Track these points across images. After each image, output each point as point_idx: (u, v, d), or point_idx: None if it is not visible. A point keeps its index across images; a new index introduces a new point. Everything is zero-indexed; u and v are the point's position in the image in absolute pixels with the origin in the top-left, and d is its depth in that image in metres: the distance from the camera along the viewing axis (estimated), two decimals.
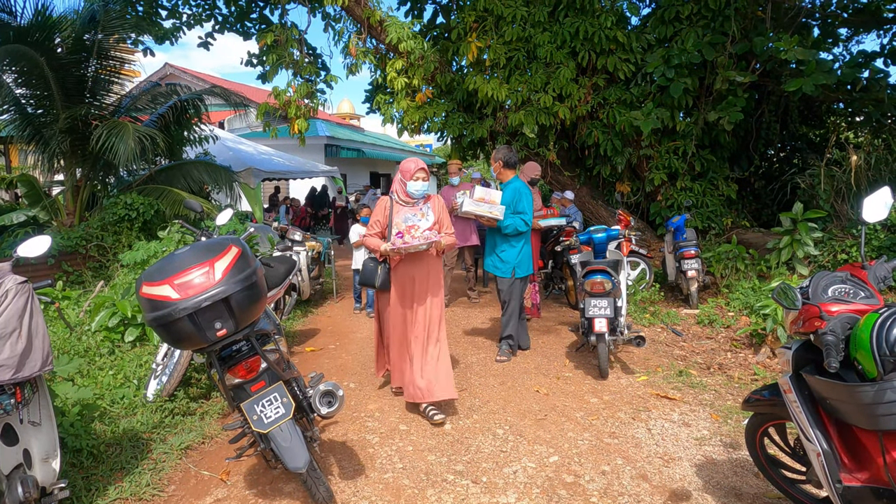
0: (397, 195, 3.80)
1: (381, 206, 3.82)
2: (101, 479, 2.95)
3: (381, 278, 3.89)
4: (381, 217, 3.79)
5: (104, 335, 4.65)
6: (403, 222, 3.70)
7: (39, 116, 7.43)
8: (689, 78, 7.50)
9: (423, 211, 3.76)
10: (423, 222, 3.72)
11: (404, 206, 3.76)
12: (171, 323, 2.14)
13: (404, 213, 3.74)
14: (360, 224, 6.84)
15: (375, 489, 2.94)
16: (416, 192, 3.73)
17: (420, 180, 3.74)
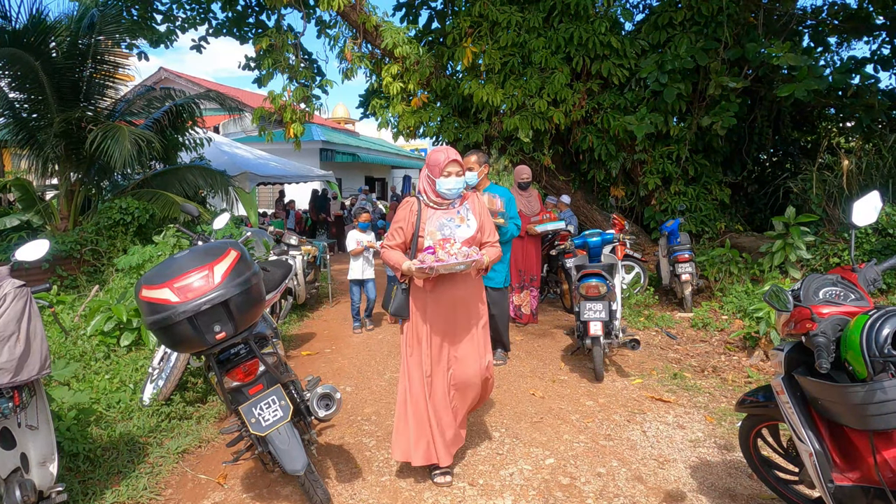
0: (426, 196, 2.98)
1: (406, 209, 2.98)
2: (97, 483, 2.95)
3: (397, 304, 2.97)
4: (405, 223, 2.94)
5: (99, 339, 4.64)
6: (438, 231, 2.87)
7: (34, 120, 7.42)
8: (683, 83, 7.57)
9: (461, 215, 2.94)
10: (463, 230, 2.90)
11: (436, 209, 2.94)
12: (171, 326, 2.15)
13: (437, 219, 2.90)
14: (357, 230, 6.36)
15: (373, 492, 2.95)
16: (450, 191, 2.89)
17: (453, 176, 2.88)
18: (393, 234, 2.97)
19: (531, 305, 6.29)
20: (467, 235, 2.88)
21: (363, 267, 6.28)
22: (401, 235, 2.95)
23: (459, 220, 2.92)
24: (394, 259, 2.89)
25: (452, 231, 2.86)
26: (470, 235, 2.89)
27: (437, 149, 2.96)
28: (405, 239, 2.95)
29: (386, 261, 2.94)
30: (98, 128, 6.93)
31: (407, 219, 2.95)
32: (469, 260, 2.73)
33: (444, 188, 2.88)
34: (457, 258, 2.72)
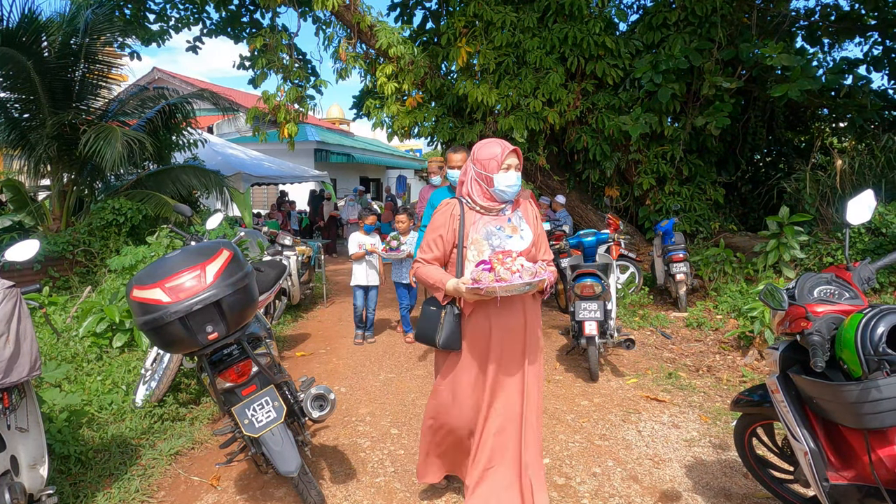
0: (471, 199, 2.44)
1: (445, 213, 2.45)
2: (89, 485, 2.92)
3: (448, 333, 2.37)
4: (444, 231, 2.42)
5: (92, 341, 4.60)
6: (485, 241, 2.35)
7: (26, 121, 7.36)
8: (677, 83, 7.58)
9: (512, 223, 2.41)
10: (515, 242, 2.37)
11: (483, 214, 2.41)
12: (162, 327, 2.13)
13: (484, 227, 2.38)
14: (361, 233, 5.90)
15: (367, 493, 2.94)
16: (509, 189, 2.36)
17: (513, 170, 2.37)
18: (429, 246, 2.43)
19: None
20: (521, 248, 2.35)
21: (367, 272, 5.85)
22: (439, 247, 2.42)
23: (511, 230, 2.39)
24: (433, 276, 2.37)
25: (502, 242, 2.35)
26: (523, 249, 2.35)
27: (487, 140, 2.45)
28: (444, 251, 2.43)
29: (421, 278, 2.43)
30: (91, 128, 6.88)
31: (447, 225, 2.40)
32: (536, 280, 2.17)
33: (504, 185, 2.34)
34: (521, 277, 2.14)
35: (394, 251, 5.55)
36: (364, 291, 5.89)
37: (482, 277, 2.14)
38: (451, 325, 2.39)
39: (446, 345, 2.38)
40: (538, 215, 2.55)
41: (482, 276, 2.15)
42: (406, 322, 5.91)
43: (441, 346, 2.39)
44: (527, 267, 2.19)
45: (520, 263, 2.18)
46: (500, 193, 2.36)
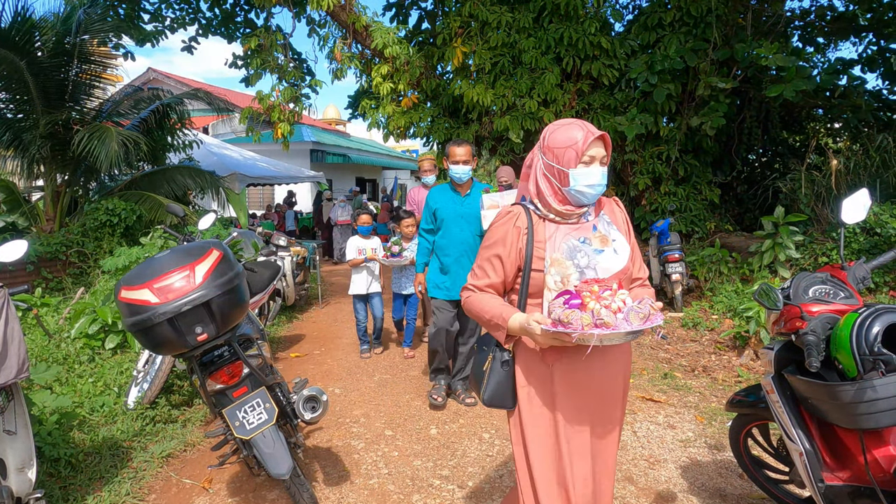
0: (540, 204, 1.80)
1: (507, 224, 1.80)
2: (79, 488, 2.89)
3: (494, 385, 1.81)
4: (507, 250, 1.78)
5: (84, 342, 4.57)
6: (569, 260, 1.70)
7: (19, 121, 7.32)
8: (672, 84, 7.57)
9: (599, 232, 1.78)
10: (608, 258, 1.73)
11: (560, 223, 1.78)
12: (151, 328, 2.10)
13: (564, 240, 1.74)
14: (359, 236, 5.37)
15: (360, 495, 2.91)
16: (590, 191, 1.72)
17: (597, 163, 1.73)
18: (483, 269, 1.82)
19: None
20: (617, 267, 1.71)
21: (367, 280, 5.34)
22: (498, 271, 1.79)
23: (600, 242, 1.74)
24: (489, 309, 1.74)
25: (591, 260, 1.70)
26: (621, 267, 1.72)
27: (564, 122, 1.77)
28: (505, 277, 1.79)
29: (474, 312, 1.80)
30: (84, 128, 6.85)
31: (511, 241, 1.77)
32: (647, 327, 1.51)
33: (584, 185, 1.69)
34: (627, 321, 1.49)
35: (396, 257, 5.11)
36: (365, 301, 5.43)
37: (573, 319, 1.49)
38: (499, 377, 1.78)
39: (491, 401, 1.80)
40: (627, 217, 1.90)
41: (572, 316, 1.49)
42: (407, 335, 5.46)
43: (485, 401, 1.81)
44: (632, 306, 1.52)
45: (622, 299, 1.54)
46: (578, 196, 1.72)
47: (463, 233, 3.92)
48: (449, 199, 3.99)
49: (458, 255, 3.93)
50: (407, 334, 5.48)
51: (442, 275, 4.02)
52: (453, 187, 3.99)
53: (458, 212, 3.94)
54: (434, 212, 4.01)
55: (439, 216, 3.99)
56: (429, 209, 4.06)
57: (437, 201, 4.01)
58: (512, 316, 1.67)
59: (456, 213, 3.94)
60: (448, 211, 3.96)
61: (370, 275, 5.37)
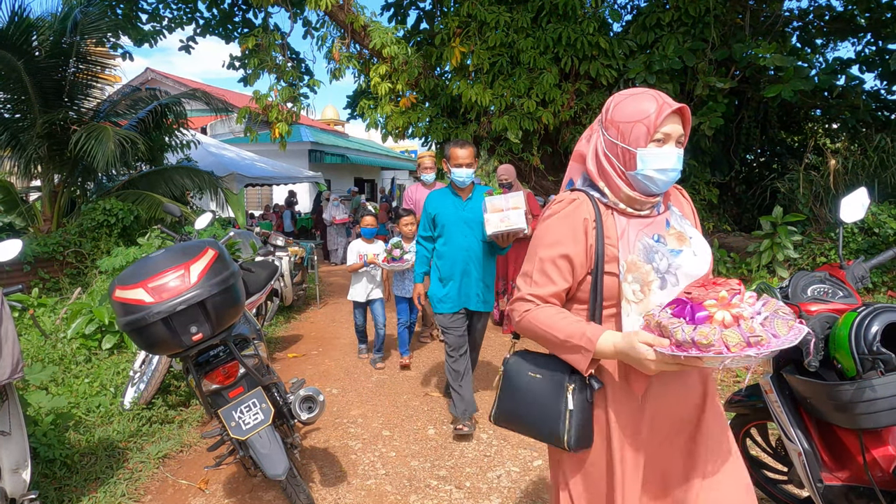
0: (607, 189, 1.47)
1: (571, 219, 1.46)
2: (74, 489, 2.88)
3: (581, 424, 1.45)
4: (574, 248, 1.44)
5: (80, 342, 4.55)
6: (646, 262, 1.40)
7: (16, 121, 7.31)
8: (671, 84, 7.57)
9: (674, 228, 1.48)
10: (686, 260, 1.42)
11: (630, 216, 1.47)
12: (145, 327, 2.08)
13: (637, 237, 1.43)
14: (361, 240, 5.04)
15: (358, 496, 2.90)
16: (662, 177, 1.41)
17: (671, 143, 1.43)
18: (545, 274, 1.45)
19: None
20: (699, 271, 1.41)
21: (367, 287, 5.01)
22: (565, 275, 1.44)
23: (676, 241, 1.44)
24: (565, 328, 1.38)
25: (670, 262, 1.39)
26: (703, 272, 1.42)
27: (633, 92, 1.46)
28: (574, 281, 1.46)
29: (537, 331, 1.43)
30: (82, 128, 6.83)
31: (580, 237, 1.43)
32: (805, 337, 1.20)
33: (655, 168, 1.39)
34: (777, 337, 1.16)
35: (397, 261, 4.77)
36: (363, 308, 5.14)
37: (712, 338, 1.13)
38: (584, 412, 1.43)
39: (579, 444, 1.43)
40: (694, 209, 1.63)
41: (710, 335, 1.13)
42: (403, 342, 5.09)
43: (573, 446, 1.43)
44: (771, 312, 1.20)
45: (752, 304, 1.23)
46: (646, 183, 1.40)
47: (467, 239, 3.59)
48: (450, 204, 3.65)
49: (462, 263, 3.59)
50: (401, 342, 5.10)
51: (444, 286, 3.65)
52: (454, 191, 3.67)
53: (461, 217, 3.61)
54: (433, 218, 3.67)
55: (439, 222, 3.65)
56: (427, 215, 3.72)
57: (436, 206, 3.67)
58: (601, 336, 1.33)
59: (458, 219, 3.61)
60: (449, 216, 3.62)
61: (371, 281, 5.02)
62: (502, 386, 1.61)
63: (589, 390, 1.45)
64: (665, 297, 1.36)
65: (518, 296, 1.50)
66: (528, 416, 1.52)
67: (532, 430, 1.53)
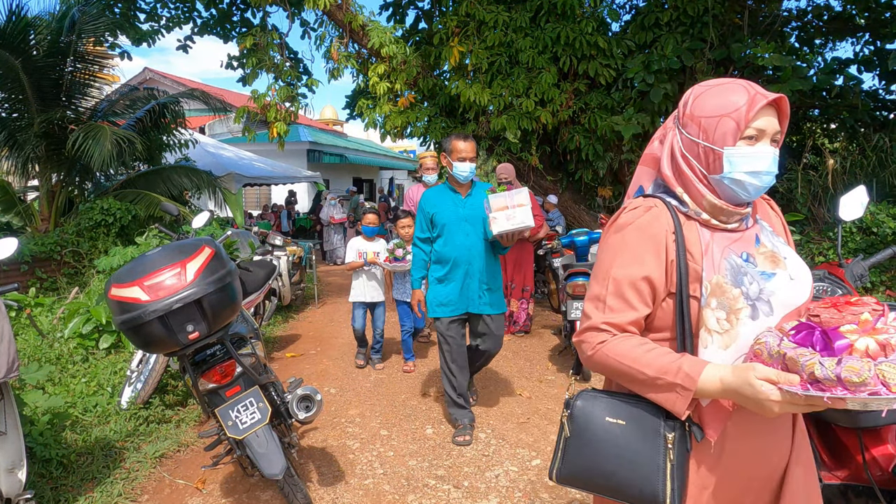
0: (687, 196, 1.25)
1: (648, 231, 1.24)
2: (70, 489, 2.87)
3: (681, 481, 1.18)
4: (658, 264, 1.22)
5: (77, 342, 4.54)
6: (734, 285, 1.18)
7: (13, 120, 7.29)
8: (669, 83, 7.57)
9: (764, 245, 1.25)
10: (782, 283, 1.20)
11: (715, 229, 1.24)
12: (141, 326, 2.07)
13: (723, 254, 1.21)
14: (362, 238, 4.87)
15: (355, 495, 2.89)
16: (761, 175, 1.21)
17: (766, 142, 1.22)
18: (624, 296, 1.23)
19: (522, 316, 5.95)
20: (798, 300, 1.21)
21: (368, 286, 4.84)
22: (646, 296, 1.23)
23: (769, 261, 1.22)
24: (654, 362, 1.16)
25: (761, 286, 1.18)
26: (803, 301, 1.22)
27: (716, 83, 1.25)
28: (652, 305, 1.24)
29: (621, 369, 1.20)
30: (79, 128, 6.82)
31: (658, 254, 1.23)
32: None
33: (746, 170, 1.19)
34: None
35: (399, 261, 4.66)
36: (364, 310, 4.93)
37: (867, 376, 0.93)
38: (685, 466, 1.19)
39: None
40: (786, 224, 1.41)
41: (862, 371, 0.93)
42: (407, 348, 4.97)
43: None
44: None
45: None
46: (733, 189, 1.21)
47: (469, 238, 3.40)
48: (448, 201, 3.46)
49: (464, 263, 3.40)
50: (405, 349, 4.96)
51: (443, 289, 3.45)
52: (452, 187, 3.49)
53: (460, 214, 3.42)
54: (431, 217, 3.47)
55: (438, 221, 3.45)
56: (424, 215, 3.51)
57: (433, 204, 3.48)
58: (704, 370, 1.10)
59: (458, 217, 3.41)
60: (448, 214, 3.43)
61: (370, 279, 4.85)
62: (570, 434, 1.31)
63: (689, 439, 1.19)
64: (755, 330, 1.16)
65: (589, 325, 1.26)
66: (611, 475, 1.22)
67: (618, 491, 1.23)
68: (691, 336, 1.21)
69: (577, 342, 1.30)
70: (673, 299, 1.23)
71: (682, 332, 1.22)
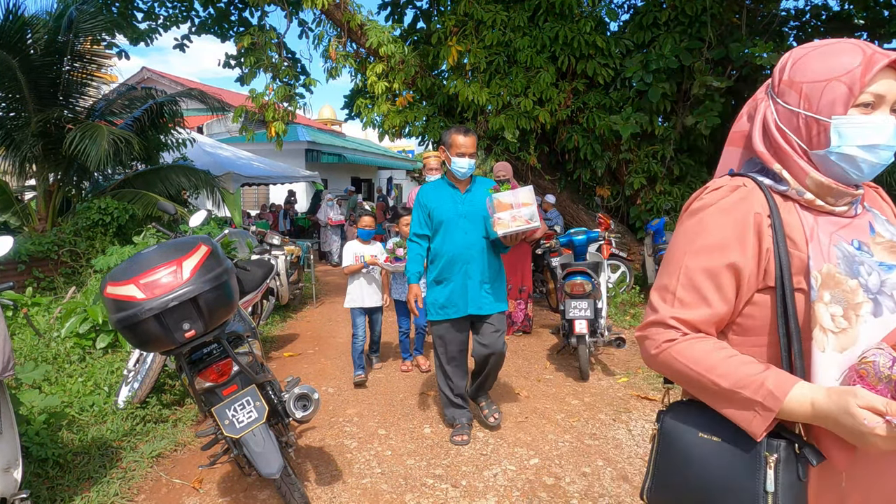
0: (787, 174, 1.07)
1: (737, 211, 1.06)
2: (66, 489, 2.85)
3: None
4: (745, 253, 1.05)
5: (74, 342, 4.52)
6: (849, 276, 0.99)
7: (10, 119, 7.27)
8: (667, 83, 7.58)
9: (884, 235, 1.06)
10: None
11: (819, 213, 1.07)
12: (137, 324, 2.06)
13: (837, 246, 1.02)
14: (358, 241, 4.68)
15: (353, 495, 2.88)
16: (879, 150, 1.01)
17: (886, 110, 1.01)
18: (699, 289, 1.07)
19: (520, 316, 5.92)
20: None
21: (367, 290, 4.61)
22: (727, 291, 1.07)
23: (887, 252, 1.05)
24: (732, 372, 1.01)
25: (882, 278, 1.00)
26: None
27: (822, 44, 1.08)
28: (734, 301, 1.08)
29: (691, 375, 1.05)
30: (76, 127, 6.80)
31: (750, 239, 1.06)
32: None
33: (860, 143, 1.01)
34: None
35: (400, 261, 4.51)
36: (364, 316, 4.69)
37: None
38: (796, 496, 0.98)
39: None
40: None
41: None
42: (405, 348, 4.93)
43: None
44: None
45: None
46: (843, 167, 1.04)
47: (468, 236, 3.27)
48: (447, 197, 3.33)
49: (463, 262, 3.27)
50: (403, 348, 4.92)
51: (441, 290, 3.33)
52: (450, 183, 3.35)
53: (459, 211, 3.29)
54: (429, 213, 3.34)
55: (436, 217, 3.31)
56: (422, 210, 3.37)
57: (432, 200, 3.35)
58: (793, 389, 0.94)
59: (457, 213, 3.28)
60: (447, 211, 3.29)
61: (370, 282, 4.63)
62: (659, 451, 1.17)
63: (801, 465, 0.98)
64: (881, 330, 0.96)
65: (654, 319, 1.10)
66: (704, 498, 1.06)
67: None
68: (799, 338, 1.01)
69: (639, 337, 1.14)
70: (770, 295, 1.04)
71: (786, 333, 1.02)
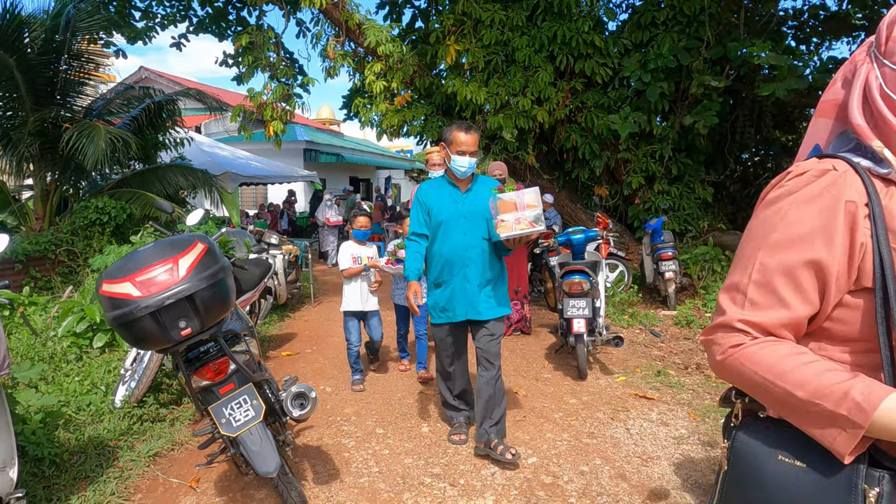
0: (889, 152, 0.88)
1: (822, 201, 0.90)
2: (63, 488, 2.84)
3: None
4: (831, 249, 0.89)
5: (71, 341, 4.51)
6: None
7: (8, 119, 7.25)
8: (665, 82, 7.59)
9: None
10: None
11: None
12: (133, 322, 2.05)
13: None
14: (353, 241, 4.49)
15: (350, 494, 2.88)
16: None
17: None
18: (776, 289, 0.93)
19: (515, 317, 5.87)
20: None
21: (364, 294, 4.43)
22: (810, 291, 0.92)
23: None
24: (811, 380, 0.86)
25: None
26: None
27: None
28: (824, 302, 0.93)
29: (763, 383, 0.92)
30: (74, 126, 6.78)
31: (831, 234, 0.90)
32: None
33: None
34: None
35: (401, 263, 4.29)
36: (359, 320, 4.52)
37: None
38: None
39: None
40: None
41: None
42: (402, 349, 4.89)
43: None
44: None
45: None
46: None
47: (467, 237, 3.14)
48: (446, 196, 3.21)
49: (461, 264, 3.14)
50: (420, 353, 4.62)
51: (439, 293, 3.23)
52: (450, 181, 3.23)
53: (459, 211, 3.16)
54: (429, 212, 3.23)
55: (435, 217, 3.19)
56: (421, 208, 3.25)
57: (431, 198, 3.23)
58: (886, 400, 0.80)
59: (457, 213, 3.16)
60: (447, 210, 3.16)
61: (367, 286, 4.47)
62: (729, 473, 1.03)
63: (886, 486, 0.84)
64: None
65: (721, 321, 0.98)
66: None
67: None
68: (890, 349, 0.87)
69: (704, 342, 1.01)
70: (865, 298, 0.90)
71: (888, 343, 0.87)
